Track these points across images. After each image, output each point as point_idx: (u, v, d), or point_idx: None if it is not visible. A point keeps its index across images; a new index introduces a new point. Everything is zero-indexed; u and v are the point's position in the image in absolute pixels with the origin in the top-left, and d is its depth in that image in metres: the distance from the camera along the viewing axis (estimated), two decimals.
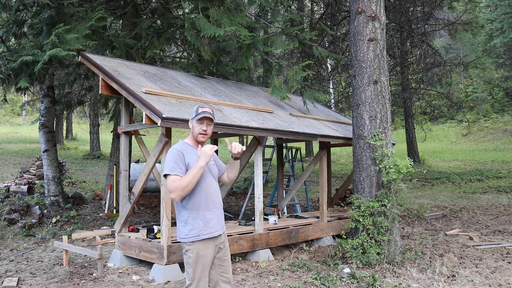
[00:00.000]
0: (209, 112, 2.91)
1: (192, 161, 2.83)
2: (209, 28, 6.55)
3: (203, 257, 2.82)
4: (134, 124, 5.60)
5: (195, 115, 2.92)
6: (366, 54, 6.00)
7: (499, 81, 30.96)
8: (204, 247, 2.83)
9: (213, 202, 2.89)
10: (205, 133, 2.91)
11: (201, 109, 2.90)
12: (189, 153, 2.88)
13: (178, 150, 2.85)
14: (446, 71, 16.62)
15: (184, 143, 2.96)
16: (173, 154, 2.83)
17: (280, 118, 6.56)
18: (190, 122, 2.98)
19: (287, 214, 8.22)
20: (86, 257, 5.99)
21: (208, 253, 2.85)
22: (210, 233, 2.84)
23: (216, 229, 2.89)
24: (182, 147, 2.90)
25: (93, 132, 19.42)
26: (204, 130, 2.90)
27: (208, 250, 2.84)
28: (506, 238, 7.18)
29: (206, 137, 2.93)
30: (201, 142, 2.95)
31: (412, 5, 13.66)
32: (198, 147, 2.90)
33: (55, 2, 6.97)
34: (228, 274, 2.99)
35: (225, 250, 2.99)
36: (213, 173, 2.97)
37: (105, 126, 27.37)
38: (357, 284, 4.63)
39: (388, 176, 5.49)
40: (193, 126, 2.95)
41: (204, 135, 2.91)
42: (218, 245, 2.94)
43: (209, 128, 2.93)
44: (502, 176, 14.49)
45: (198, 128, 2.91)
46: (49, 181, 8.43)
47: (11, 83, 7.59)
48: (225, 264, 2.98)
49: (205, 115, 2.89)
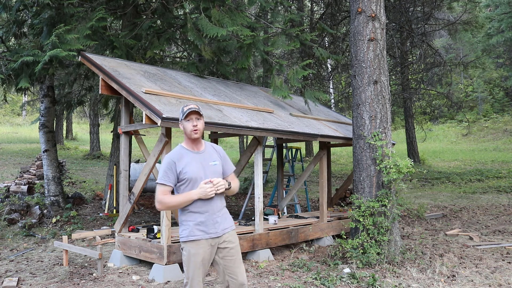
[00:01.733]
0: (193, 107, 2.92)
1: (186, 166, 2.88)
2: (211, 28, 6.55)
3: (194, 255, 2.87)
4: (134, 124, 5.61)
5: (182, 115, 2.94)
6: (366, 54, 6.00)
7: (499, 80, 30.96)
8: (195, 246, 2.88)
9: (208, 205, 2.90)
10: (196, 128, 2.91)
11: (186, 107, 2.93)
12: (183, 158, 2.91)
13: (171, 159, 2.90)
14: (446, 71, 16.63)
15: (180, 147, 2.99)
16: (165, 163, 2.91)
17: (280, 118, 6.56)
18: (180, 124, 3.00)
19: (287, 214, 8.22)
20: (86, 257, 5.99)
21: (200, 252, 2.88)
22: (198, 235, 2.88)
23: (209, 231, 2.90)
24: (177, 153, 2.94)
25: (93, 132, 19.42)
26: (195, 125, 2.91)
27: (200, 249, 2.88)
28: (506, 238, 7.18)
29: (199, 132, 2.92)
30: (195, 139, 2.94)
31: (412, 5, 13.66)
32: (194, 148, 2.95)
33: (55, 2, 6.96)
34: (235, 276, 2.96)
35: (230, 251, 2.97)
36: (217, 174, 2.96)
37: (105, 126, 27.38)
38: (357, 284, 4.63)
39: (389, 176, 5.49)
40: (184, 127, 2.95)
41: (196, 131, 2.91)
42: (216, 245, 2.94)
43: (199, 123, 2.93)
44: (502, 176, 14.49)
45: (188, 126, 2.92)
46: (49, 181, 8.43)
47: (11, 83, 7.59)
48: (231, 264, 2.97)
49: (190, 110, 2.90)
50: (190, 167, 2.89)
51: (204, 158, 2.97)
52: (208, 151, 3.02)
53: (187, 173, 2.87)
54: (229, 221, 3.05)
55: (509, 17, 17.96)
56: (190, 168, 2.88)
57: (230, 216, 3.10)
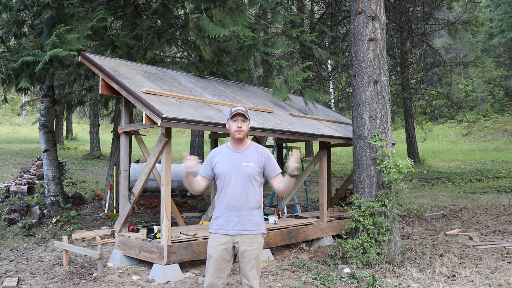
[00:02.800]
0: (241, 109, 3.09)
1: (219, 162, 3.12)
2: (213, 29, 6.55)
3: (209, 247, 3.09)
4: (134, 124, 5.61)
5: (229, 114, 3.10)
6: (366, 54, 6.00)
7: (499, 80, 30.95)
8: (212, 239, 3.09)
9: (228, 203, 3.05)
10: (240, 129, 3.07)
11: (234, 108, 3.10)
12: (221, 154, 3.15)
13: (212, 153, 3.21)
14: (446, 71, 16.64)
15: (225, 145, 3.23)
16: (208, 156, 3.22)
17: (280, 118, 6.56)
18: (227, 123, 3.16)
19: (287, 214, 8.22)
20: (86, 257, 5.99)
21: (215, 245, 3.05)
22: (213, 229, 3.10)
23: (224, 228, 3.05)
24: (218, 148, 3.23)
25: (93, 132, 19.41)
26: (239, 126, 3.06)
27: (215, 243, 3.06)
28: (506, 238, 7.18)
29: (242, 133, 3.08)
30: (238, 139, 3.09)
31: (412, 5, 13.67)
32: (234, 147, 3.14)
33: (55, 2, 6.96)
34: (246, 278, 3.06)
35: (243, 253, 3.04)
36: (247, 176, 3.05)
37: (105, 126, 27.37)
38: (357, 284, 4.63)
39: (389, 176, 5.49)
40: (229, 126, 3.12)
41: (240, 131, 3.07)
42: (233, 243, 3.06)
43: (243, 125, 3.08)
44: (502, 176, 14.49)
45: (233, 126, 3.08)
46: (49, 181, 8.43)
47: (11, 83, 7.59)
48: (243, 266, 3.07)
49: (238, 111, 3.06)
50: (222, 163, 3.10)
51: (239, 157, 3.09)
52: (247, 152, 3.12)
53: (217, 169, 3.10)
54: (252, 225, 3.06)
55: (509, 17, 17.97)
56: (221, 164, 3.10)
57: (258, 221, 3.10)
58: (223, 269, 3.04)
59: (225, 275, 3.06)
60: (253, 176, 3.06)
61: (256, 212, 3.09)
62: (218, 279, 3.03)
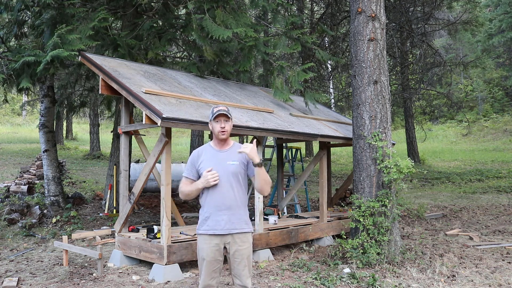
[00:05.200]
0: (223, 109, 3.07)
1: (203, 162, 3.06)
2: (216, 29, 6.54)
3: (201, 249, 3.05)
4: (134, 124, 5.61)
5: (211, 116, 3.08)
6: (366, 54, 6.01)
7: (499, 80, 30.95)
8: (202, 240, 3.06)
9: (217, 202, 3.01)
10: (223, 130, 3.05)
11: (216, 109, 3.08)
12: (205, 154, 3.10)
13: (194, 154, 3.14)
14: (446, 71, 16.65)
15: (207, 144, 3.19)
16: (191, 157, 3.15)
17: (280, 118, 6.57)
18: (210, 124, 3.14)
19: (287, 214, 8.23)
20: (86, 257, 5.99)
21: (205, 247, 3.02)
22: (205, 231, 3.04)
23: (215, 229, 3.01)
24: (201, 149, 3.16)
25: (93, 132, 19.41)
26: (222, 127, 3.05)
27: (205, 244, 3.03)
28: (506, 238, 7.18)
29: (226, 133, 3.07)
30: (222, 139, 3.09)
31: (412, 5, 13.68)
32: (218, 147, 3.10)
33: (56, 3, 6.96)
34: (239, 278, 3.05)
35: (235, 253, 3.03)
36: (234, 174, 3.04)
37: (105, 126, 27.38)
38: (357, 284, 4.64)
39: (389, 176, 5.50)
40: (212, 127, 3.10)
41: (223, 132, 3.06)
42: (222, 243, 3.03)
43: (227, 125, 3.07)
44: (502, 176, 14.49)
45: (216, 127, 3.06)
46: (49, 181, 8.43)
47: (12, 83, 7.59)
48: (235, 266, 3.05)
49: (220, 112, 3.04)
50: (207, 163, 3.05)
51: (224, 157, 3.08)
52: (231, 151, 3.12)
53: (202, 168, 3.04)
54: (241, 223, 3.07)
55: (509, 17, 17.98)
56: (205, 164, 3.04)
57: (246, 219, 3.11)
58: (216, 269, 3.05)
59: (218, 274, 3.09)
60: (239, 175, 3.07)
61: (244, 210, 3.12)
62: (212, 279, 3.04)
